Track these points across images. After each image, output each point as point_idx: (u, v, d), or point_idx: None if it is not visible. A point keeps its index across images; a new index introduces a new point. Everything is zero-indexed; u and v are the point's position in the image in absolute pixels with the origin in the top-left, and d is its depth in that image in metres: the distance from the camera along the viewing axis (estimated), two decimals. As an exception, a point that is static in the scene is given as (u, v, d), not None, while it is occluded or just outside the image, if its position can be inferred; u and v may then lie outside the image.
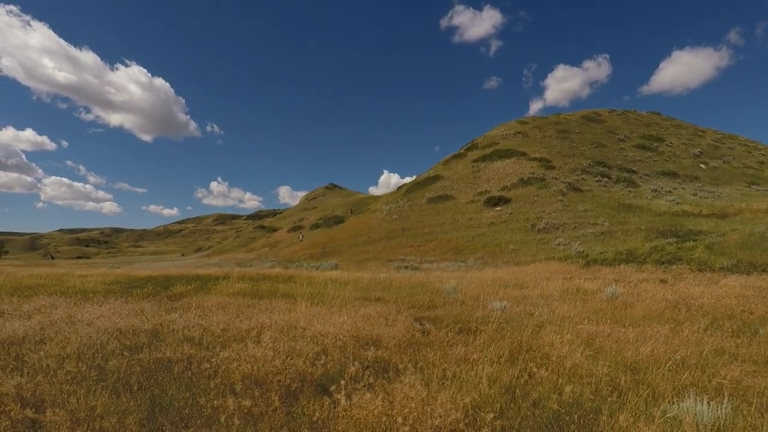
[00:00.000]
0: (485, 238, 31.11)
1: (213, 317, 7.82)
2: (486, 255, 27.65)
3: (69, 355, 4.95)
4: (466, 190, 45.03)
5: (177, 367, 4.87)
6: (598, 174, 44.47)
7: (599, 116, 72.66)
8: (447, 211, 40.68)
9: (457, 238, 32.57)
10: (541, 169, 44.59)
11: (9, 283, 15.68)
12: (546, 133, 61.21)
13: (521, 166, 46.77)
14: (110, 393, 3.91)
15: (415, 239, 34.68)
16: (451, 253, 29.66)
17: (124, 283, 16.89)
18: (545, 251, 26.23)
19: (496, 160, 50.93)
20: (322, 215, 75.82)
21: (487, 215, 36.44)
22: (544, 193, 37.98)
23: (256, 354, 4.69)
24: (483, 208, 38.51)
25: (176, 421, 3.62)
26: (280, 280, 17.37)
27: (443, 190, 47.08)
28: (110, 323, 6.81)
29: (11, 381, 3.87)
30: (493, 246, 29.20)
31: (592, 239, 27.12)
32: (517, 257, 26.04)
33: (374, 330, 6.49)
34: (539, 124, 66.07)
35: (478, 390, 3.95)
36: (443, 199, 44.19)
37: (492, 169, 48.76)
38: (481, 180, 46.37)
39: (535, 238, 29.26)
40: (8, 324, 6.84)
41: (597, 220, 30.79)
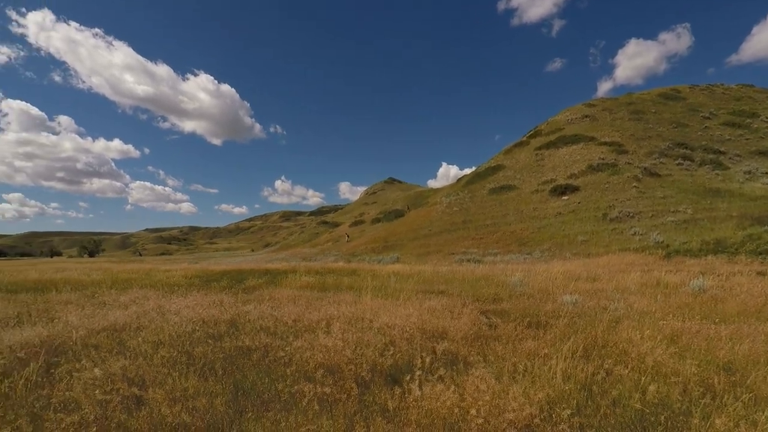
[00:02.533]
0: (552, 229, 29.80)
1: (284, 309, 8.21)
2: (553, 247, 26.50)
3: (162, 342, 5.44)
4: (530, 179, 43.33)
5: (255, 354, 5.19)
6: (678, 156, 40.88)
7: (679, 93, 66.58)
8: (510, 201, 39.44)
9: (521, 230, 31.50)
10: (612, 154, 41.81)
11: (107, 277, 17.50)
12: (617, 115, 57.21)
13: (590, 151, 44.15)
14: (199, 376, 4.25)
15: (477, 231, 34.01)
16: (515, 245, 28.76)
17: (202, 277, 18.21)
18: (619, 242, 24.63)
19: (561, 147, 48.48)
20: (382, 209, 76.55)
21: (554, 205, 34.84)
22: (616, 180, 35.60)
23: (327, 344, 4.87)
24: (548, 198, 36.88)
25: (257, 404, 3.86)
26: (344, 274, 17.84)
27: (505, 180, 45.67)
28: (194, 313, 7.38)
29: (118, 363, 4.33)
30: (560, 237, 27.91)
31: (672, 228, 25.05)
32: (588, 249, 24.70)
33: (440, 323, 6.48)
34: (609, 106, 61.89)
35: (552, 385, 3.82)
36: (505, 190, 42.88)
37: (557, 156, 46.49)
38: (546, 168, 44.38)
39: (607, 228, 27.56)
40: (110, 313, 7.65)
41: (678, 207, 28.37)
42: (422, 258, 28.89)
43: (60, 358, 4.96)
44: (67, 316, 7.38)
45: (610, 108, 61.01)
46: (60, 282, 15.79)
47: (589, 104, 64.83)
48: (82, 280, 16.23)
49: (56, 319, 7.35)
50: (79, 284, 14.86)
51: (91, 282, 15.79)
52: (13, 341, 5.53)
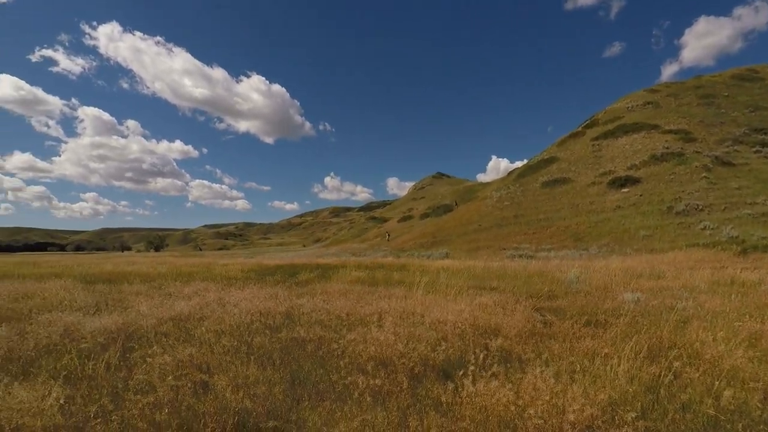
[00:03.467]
0: (610, 224, 28.31)
1: (336, 302, 8.39)
2: (611, 242, 25.19)
3: (224, 331, 5.74)
4: (586, 171, 41.35)
5: (310, 346, 5.35)
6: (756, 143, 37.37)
7: (756, 73, 60.80)
8: (564, 195, 37.87)
9: (576, 224, 30.19)
10: (678, 143, 38.98)
11: (172, 270, 18.67)
12: (683, 100, 53.21)
13: (652, 140, 41.41)
14: (258, 365, 4.45)
15: (529, 226, 32.98)
16: (570, 241, 27.62)
17: (258, 271, 18.98)
18: (686, 237, 22.98)
19: (620, 137, 45.83)
20: (431, 204, 76.10)
21: (612, 198, 33.05)
22: (682, 170, 33.17)
23: (379, 337, 4.92)
24: (606, 191, 35.02)
25: (313, 394, 3.98)
26: (393, 269, 17.92)
27: (559, 172, 43.88)
28: (252, 306, 7.71)
29: (185, 350, 4.63)
30: (620, 232, 26.47)
31: (749, 222, 23.00)
32: (651, 244, 23.25)
33: (492, 319, 6.37)
34: (674, 91, 57.68)
35: (615, 386, 3.65)
36: (559, 183, 41.20)
37: (616, 146, 44.02)
38: (604, 159, 42.16)
39: (672, 222, 25.78)
40: (176, 304, 8.16)
41: (756, 199, 25.99)
42: (472, 253, 28.45)
43: (134, 344, 5.36)
44: (139, 306, 7.97)
45: (675, 93, 56.88)
46: (131, 274, 17.06)
47: (651, 90, 60.80)
48: (150, 273, 17.44)
49: (129, 308, 7.96)
50: (148, 276, 15.98)
51: (157, 275, 16.93)
52: (94, 328, 6.04)
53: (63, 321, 6.41)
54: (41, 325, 6.24)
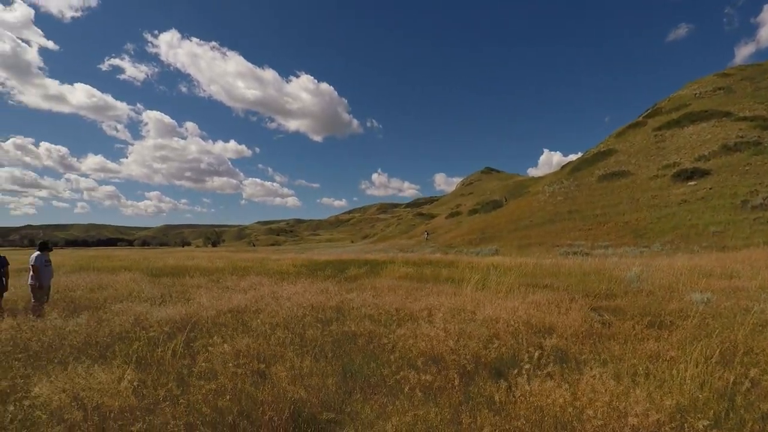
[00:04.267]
0: (675, 219, 26.48)
1: (385, 298, 8.45)
2: (676, 239, 23.57)
3: (278, 324, 5.95)
4: (647, 163, 38.89)
5: (360, 340, 5.43)
6: None
7: None
8: (623, 189, 35.85)
9: (636, 220, 28.50)
10: (754, 131, 35.71)
11: (228, 265, 19.58)
12: (761, 84, 48.64)
13: (724, 129, 38.23)
14: (311, 357, 4.57)
15: (585, 222, 31.54)
16: (629, 237, 26.14)
17: (308, 266, 19.49)
18: (764, 233, 21.06)
19: (686, 125, 42.68)
20: (479, 200, 74.68)
21: (677, 192, 30.88)
22: (759, 161, 30.37)
23: (429, 333, 4.91)
24: (671, 184, 32.77)
25: (364, 387, 4.04)
26: (441, 266, 17.79)
27: (617, 165, 41.59)
28: (304, 299, 7.93)
29: (243, 341, 4.85)
30: (686, 228, 24.70)
31: (839, 217, 20.71)
32: (722, 241, 21.52)
33: (546, 318, 6.17)
34: (750, 74, 52.88)
35: (683, 392, 3.42)
36: (618, 176, 39.05)
37: (681, 136, 41.05)
38: (668, 150, 39.46)
39: (747, 217, 23.70)
40: (233, 296, 8.55)
41: None
42: (523, 250, 27.65)
43: (196, 333, 5.68)
44: (200, 298, 8.43)
45: (751, 76, 52.16)
46: (191, 268, 18.07)
47: (723, 74, 56.15)
48: (209, 267, 18.39)
49: (191, 300, 8.44)
50: (206, 270, 16.87)
51: (215, 269, 17.82)
52: (160, 317, 6.46)
53: (133, 311, 6.91)
54: (115, 313, 6.76)
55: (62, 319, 6.16)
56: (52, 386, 3.25)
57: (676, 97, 53.53)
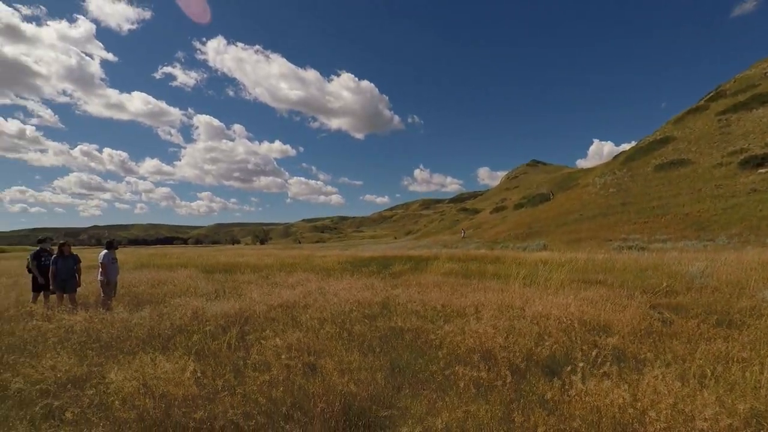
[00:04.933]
0: (743, 210, 24.55)
1: (430, 294, 8.41)
2: (745, 231, 21.86)
3: (326, 319, 6.07)
4: (710, 151, 36.25)
5: (407, 335, 5.43)
6: None
7: None
8: (683, 179, 33.65)
9: (698, 212, 26.68)
10: (834, 113, 32.46)
11: (276, 262, 20.20)
12: (842, 60, 44.08)
13: (799, 111, 34.99)
14: (359, 352, 4.63)
15: (640, 215, 29.90)
16: (691, 230, 24.52)
17: (353, 262, 19.74)
18: None
19: (756, 108, 39.38)
20: (525, 194, 72.64)
21: (745, 180, 28.59)
22: (841, 145, 27.56)
23: (478, 330, 4.84)
24: (738, 172, 30.38)
25: (413, 382, 4.04)
26: (487, 261, 17.48)
27: (676, 153, 39.08)
28: (350, 295, 8.04)
29: (294, 335, 4.99)
30: (755, 219, 22.84)
31: None
32: (798, 233, 19.75)
33: (601, 315, 5.91)
34: (829, 51, 47.94)
35: (758, 396, 3.17)
36: (677, 165, 36.69)
37: (749, 120, 37.92)
38: (734, 136, 36.58)
39: (827, 207, 21.61)
40: (282, 292, 8.82)
41: None
42: (572, 245, 26.64)
43: (249, 327, 5.91)
44: (251, 294, 8.75)
45: (830, 53, 47.29)
46: (242, 265, 18.80)
47: (796, 51, 51.26)
48: (258, 264, 19.06)
49: (243, 296, 8.77)
50: (256, 267, 17.48)
51: (264, 265, 18.44)
52: (215, 312, 6.78)
53: (191, 305, 7.27)
54: (174, 308, 7.15)
55: (128, 313, 6.59)
56: (123, 374, 3.49)
57: (743, 78, 49.51)
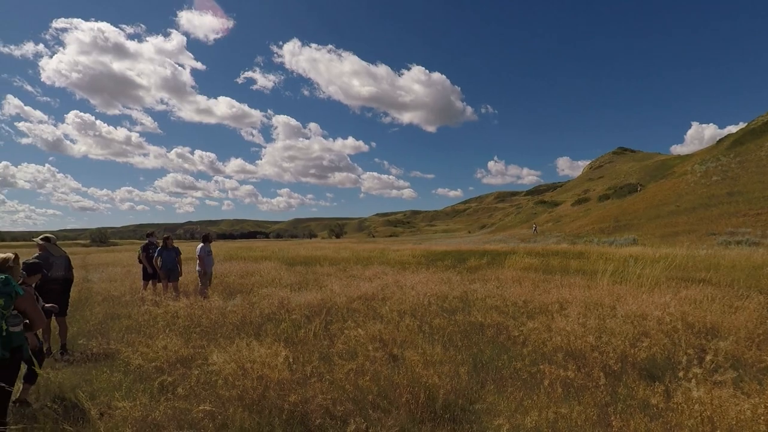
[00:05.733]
0: None
1: (510, 289, 8.15)
2: None
3: (405, 312, 6.13)
4: (843, 131, 31.06)
5: (488, 331, 5.32)
6: None
7: None
8: (806, 164, 29.20)
9: (827, 202, 23.01)
10: None
11: (352, 255, 20.77)
12: None
13: None
14: (441, 345, 4.61)
15: (751, 206, 26.46)
16: (817, 223, 21.24)
17: (426, 256, 19.72)
18: None
19: None
20: (611, 184, 67.60)
21: None
22: None
23: (565, 327, 4.60)
24: None
25: (496, 379, 3.95)
26: (570, 256, 16.55)
27: (797, 136, 34.00)
28: (427, 289, 8.04)
29: (375, 326, 5.10)
30: None
31: None
32: None
33: (707, 316, 5.33)
34: None
35: None
36: (798, 149, 31.92)
37: None
38: None
39: None
40: (360, 285, 9.04)
41: None
42: (667, 239, 24.32)
43: (331, 317, 6.14)
44: (331, 285, 9.08)
45: None
46: (320, 258, 19.59)
47: None
48: (335, 257, 19.74)
49: (324, 287, 9.14)
50: (334, 260, 18.12)
51: (341, 259, 19.06)
52: (299, 302, 7.13)
53: (277, 295, 7.72)
54: (262, 297, 7.63)
55: (222, 301, 7.15)
56: (223, 356, 3.80)
57: None
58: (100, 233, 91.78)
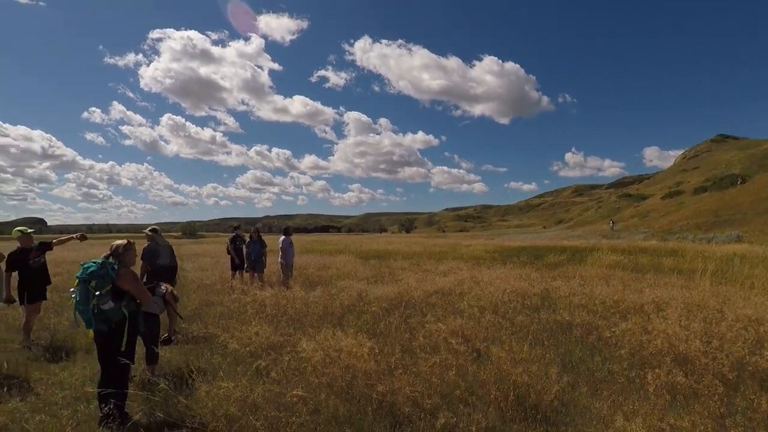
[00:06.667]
0: None
1: (596, 287, 7.65)
2: None
3: (485, 307, 6.00)
4: None
5: (576, 330, 5.04)
6: None
7: None
8: None
9: None
10: None
11: (424, 250, 20.75)
12: None
13: None
14: (526, 343, 4.45)
15: None
16: None
17: (500, 252, 19.15)
18: None
19: None
20: (709, 175, 61.01)
21: None
22: None
23: (666, 330, 4.22)
24: None
25: (589, 381, 3.73)
26: (661, 254, 15.23)
27: None
28: (506, 285, 7.80)
29: (455, 321, 5.06)
30: None
31: None
32: None
33: None
34: None
35: None
36: None
37: None
38: None
39: None
40: (436, 279, 9.01)
41: None
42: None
43: (410, 311, 6.17)
44: (407, 279, 9.14)
45: None
46: (392, 252, 19.79)
47: None
48: (407, 251, 19.84)
49: (399, 281, 9.21)
50: (406, 254, 18.22)
51: (413, 253, 19.11)
52: (377, 295, 7.25)
53: (355, 288, 7.91)
54: (340, 289, 7.87)
55: (304, 292, 7.48)
56: (311, 344, 3.97)
57: None
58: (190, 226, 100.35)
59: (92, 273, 3.23)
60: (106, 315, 3.25)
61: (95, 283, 3.22)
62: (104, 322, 3.25)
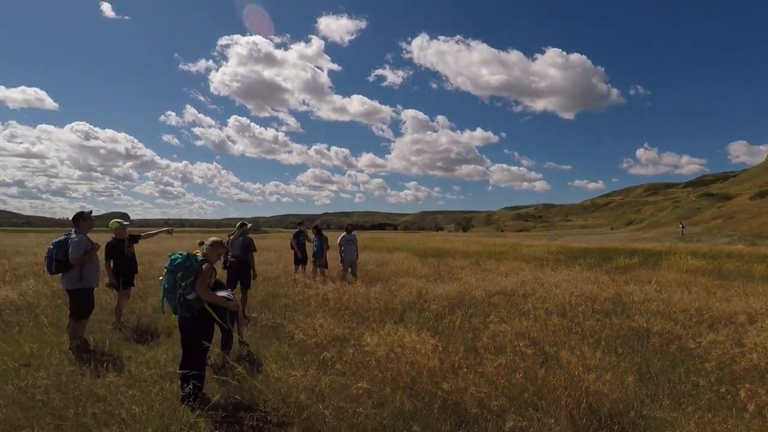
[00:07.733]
0: None
1: (675, 294, 7.10)
2: None
3: (551, 310, 5.76)
4: None
5: (654, 339, 4.70)
6: None
7: None
8: None
9: None
10: None
11: (483, 249, 20.32)
12: None
13: None
14: (599, 350, 4.22)
15: None
16: None
17: (564, 253, 18.29)
18: None
19: None
20: (810, 173, 54.29)
21: None
22: None
23: (764, 343, 3.82)
24: None
25: (671, 394, 3.46)
26: (751, 259, 13.81)
27: None
28: (573, 287, 7.44)
29: (520, 323, 4.91)
30: None
31: None
32: None
33: None
34: None
35: None
36: None
37: None
38: None
39: None
40: (497, 279, 8.78)
41: None
42: None
43: (472, 310, 6.07)
44: (467, 278, 8.99)
45: None
46: (450, 251, 19.56)
47: None
48: (465, 251, 19.51)
49: (459, 280, 9.09)
50: (465, 253, 17.93)
51: (472, 252, 18.77)
52: (437, 293, 7.21)
53: (414, 285, 7.91)
54: (400, 286, 7.90)
55: (365, 287, 7.59)
56: (375, 339, 4.03)
57: None
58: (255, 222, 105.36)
59: (178, 264, 3.50)
60: (190, 304, 3.50)
61: (181, 274, 3.48)
62: (188, 310, 3.50)
